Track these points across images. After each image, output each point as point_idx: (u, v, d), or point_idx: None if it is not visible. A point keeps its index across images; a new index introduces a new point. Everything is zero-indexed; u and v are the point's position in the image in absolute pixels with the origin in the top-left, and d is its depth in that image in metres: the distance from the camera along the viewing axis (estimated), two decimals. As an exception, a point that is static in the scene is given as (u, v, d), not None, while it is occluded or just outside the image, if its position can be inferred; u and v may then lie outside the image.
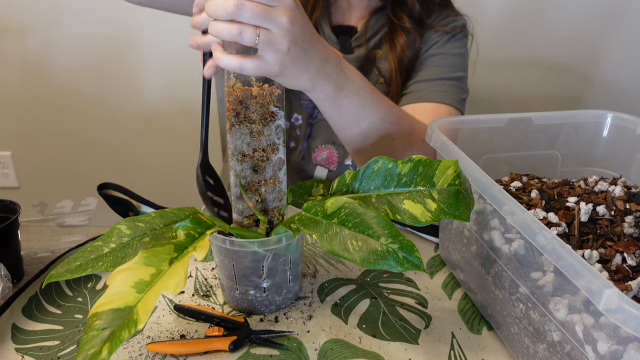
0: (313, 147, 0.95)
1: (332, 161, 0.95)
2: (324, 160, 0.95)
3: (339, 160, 0.95)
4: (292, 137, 0.96)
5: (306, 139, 0.94)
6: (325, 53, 0.60)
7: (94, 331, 0.40)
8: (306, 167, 0.96)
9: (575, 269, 0.41)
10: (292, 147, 0.96)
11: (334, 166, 0.95)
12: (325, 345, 0.57)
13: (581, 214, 0.55)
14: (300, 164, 0.96)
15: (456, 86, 0.88)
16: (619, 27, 1.48)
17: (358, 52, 0.92)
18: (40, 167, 1.75)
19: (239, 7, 0.49)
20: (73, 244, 0.75)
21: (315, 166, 0.96)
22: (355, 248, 0.47)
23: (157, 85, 1.63)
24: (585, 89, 1.57)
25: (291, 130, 0.95)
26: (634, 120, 0.72)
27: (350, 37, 0.93)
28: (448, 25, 0.92)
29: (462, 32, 0.92)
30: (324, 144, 0.95)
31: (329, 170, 0.96)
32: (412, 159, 0.56)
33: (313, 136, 0.94)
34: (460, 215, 0.52)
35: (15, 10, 1.54)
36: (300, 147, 0.95)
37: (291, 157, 0.96)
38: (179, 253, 0.47)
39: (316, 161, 0.96)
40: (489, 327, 0.61)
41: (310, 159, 0.96)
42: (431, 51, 0.91)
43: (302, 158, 0.96)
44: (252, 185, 0.58)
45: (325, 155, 0.95)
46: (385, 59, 0.92)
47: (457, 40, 0.91)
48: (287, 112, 0.95)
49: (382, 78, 0.92)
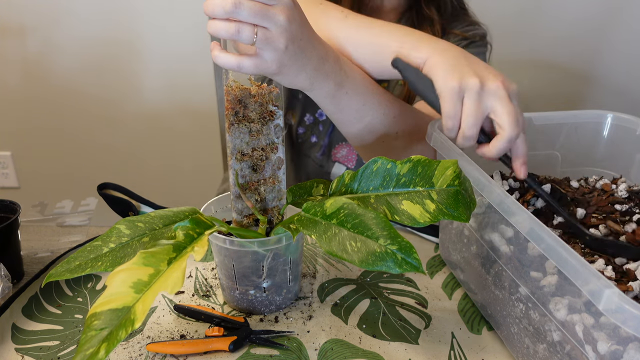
0: (334, 144, 0.96)
1: (350, 159, 0.96)
2: (343, 157, 0.96)
3: (357, 159, 0.96)
4: (315, 133, 0.96)
5: (328, 134, 0.95)
6: (323, 51, 0.60)
7: (92, 331, 0.41)
8: (325, 163, 0.97)
9: (576, 269, 0.41)
10: (313, 143, 0.97)
11: (352, 164, 0.96)
12: (325, 345, 0.57)
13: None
14: (320, 160, 0.97)
15: None
16: (619, 27, 1.48)
17: None
18: (40, 167, 1.75)
19: (236, 6, 0.49)
20: (73, 244, 0.75)
21: (334, 163, 0.97)
22: (354, 249, 0.47)
23: (157, 85, 1.63)
24: (585, 89, 1.57)
25: (314, 125, 0.96)
26: (634, 120, 0.72)
27: None
28: (469, 32, 0.93)
29: (481, 41, 0.92)
30: (344, 140, 0.95)
31: (347, 168, 0.96)
32: (411, 159, 0.56)
33: (335, 132, 0.95)
34: (459, 216, 0.52)
35: (15, 10, 1.54)
36: (322, 142, 0.96)
37: (311, 152, 0.97)
38: (177, 253, 0.47)
39: (335, 157, 0.96)
40: (489, 327, 0.61)
41: (330, 155, 0.97)
42: None
43: (322, 154, 0.96)
44: (251, 184, 0.58)
45: (345, 152, 0.96)
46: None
47: (477, 47, 0.92)
48: (312, 107, 0.96)
49: (401, 80, 0.92)
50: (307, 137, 0.97)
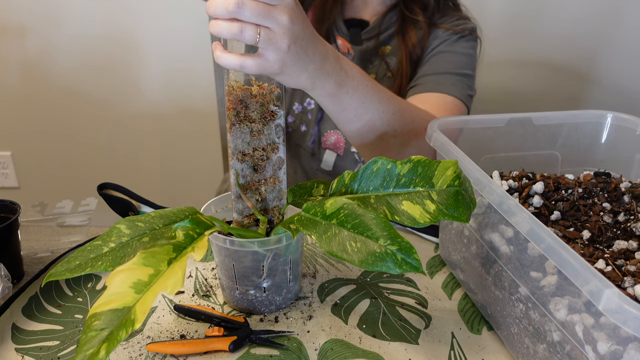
0: (323, 131, 0.97)
1: (339, 146, 0.97)
2: (332, 145, 0.97)
3: (345, 147, 0.97)
4: (304, 121, 0.97)
5: (317, 122, 0.96)
6: (324, 51, 0.60)
7: (92, 331, 0.40)
8: (317, 151, 0.98)
9: (576, 269, 0.41)
10: (303, 132, 0.98)
11: (341, 151, 0.97)
12: (325, 345, 0.57)
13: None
14: (312, 148, 0.98)
15: (463, 82, 0.89)
16: (619, 27, 1.48)
17: (367, 45, 0.94)
18: (40, 167, 1.75)
19: (239, 6, 0.49)
20: (73, 244, 0.75)
21: (324, 150, 0.98)
22: (354, 249, 0.47)
23: (157, 85, 1.63)
24: (585, 89, 1.57)
25: (303, 114, 0.97)
26: (634, 120, 0.72)
27: (361, 29, 0.95)
28: (459, 26, 0.93)
29: (471, 35, 0.93)
30: (333, 128, 0.96)
31: (337, 155, 0.97)
32: (411, 160, 0.56)
33: (324, 120, 0.96)
34: (459, 217, 0.52)
35: (15, 11, 1.54)
36: (312, 130, 0.97)
37: (303, 141, 0.98)
38: (177, 253, 0.47)
39: (325, 145, 0.97)
40: (489, 327, 0.61)
41: (320, 142, 0.97)
42: (440, 48, 0.92)
43: (313, 142, 0.97)
44: (252, 184, 0.58)
45: (333, 139, 0.96)
46: (394, 54, 0.94)
47: (466, 41, 0.93)
48: (299, 96, 0.97)
49: (389, 72, 0.93)
50: (296, 125, 0.98)
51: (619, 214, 0.58)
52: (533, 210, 0.60)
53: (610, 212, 0.59)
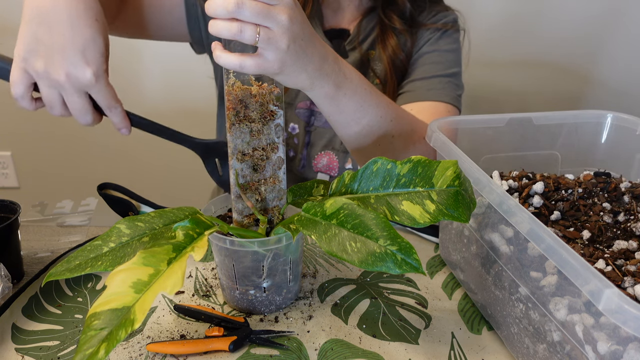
0: (313, 155, 0.94)
1: (332, 167, 0.95)
2: (324, 167, 0.95)
3: (339, 165, 0.95)
4: (291, 147, 0.95)
5: (305, 147, 0.94)
6: (323, 51, 0.60)
7: (92, 331, 0.41)
8: (307, 175, 0.96)
9: (576, 269, 0.41)
10: (291, 157, 0.95)
11: (335, 172, 0.95)
12: (325, 345, 0.57)
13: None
14: (302, 172, 0.96)
15: (452, 83, 0.88)
16: (619, 27, 1.48)
17: (353, 56, 0.92)
18: (40, 167, 1.75)
19: (239, 6, 0.49)
20: (73, 244, 0.75)
21: (316, 174, 0.96)
22: (353, 249, 0.47)
23: (157, 86, 1.62)
24: (585, 89, 1.57)
25: (289, 139, 0.94)
26: (634, 120, 0.72)
27: (343, 40, 0.93)
28: (439, 21, 0.92)
29: (453, 28, 0.91)
30: (323, 150, 0.94)
31: (330, 176, 0.95)
32: (411, 160, 0.56)
33: (312, 144, 0.94)
34: (459, 217, 0.52)
35: (15, 11, 1.53)
36: (300, 155, 0.94)
37: (292, 166, 0.96)
38: (177, 253, 0.47)
39: (317, 168, 0.95)
40: (489, 327, 0.61)
41: (311, 166, 0.95)
42: (424, 49, 0.91)
43: (302, 167, 0.95)
44: (252, 184, 0.58)
45: (325, 161, 0.94)
46: (378, 60, 0.92)
47: (449, 36, 0.91)
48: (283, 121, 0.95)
49: (377, 79, 0.91)
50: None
51: (619, 214, 0.58)
52: (533, 210, 0.60)
53: (610, 212, 0.59)
